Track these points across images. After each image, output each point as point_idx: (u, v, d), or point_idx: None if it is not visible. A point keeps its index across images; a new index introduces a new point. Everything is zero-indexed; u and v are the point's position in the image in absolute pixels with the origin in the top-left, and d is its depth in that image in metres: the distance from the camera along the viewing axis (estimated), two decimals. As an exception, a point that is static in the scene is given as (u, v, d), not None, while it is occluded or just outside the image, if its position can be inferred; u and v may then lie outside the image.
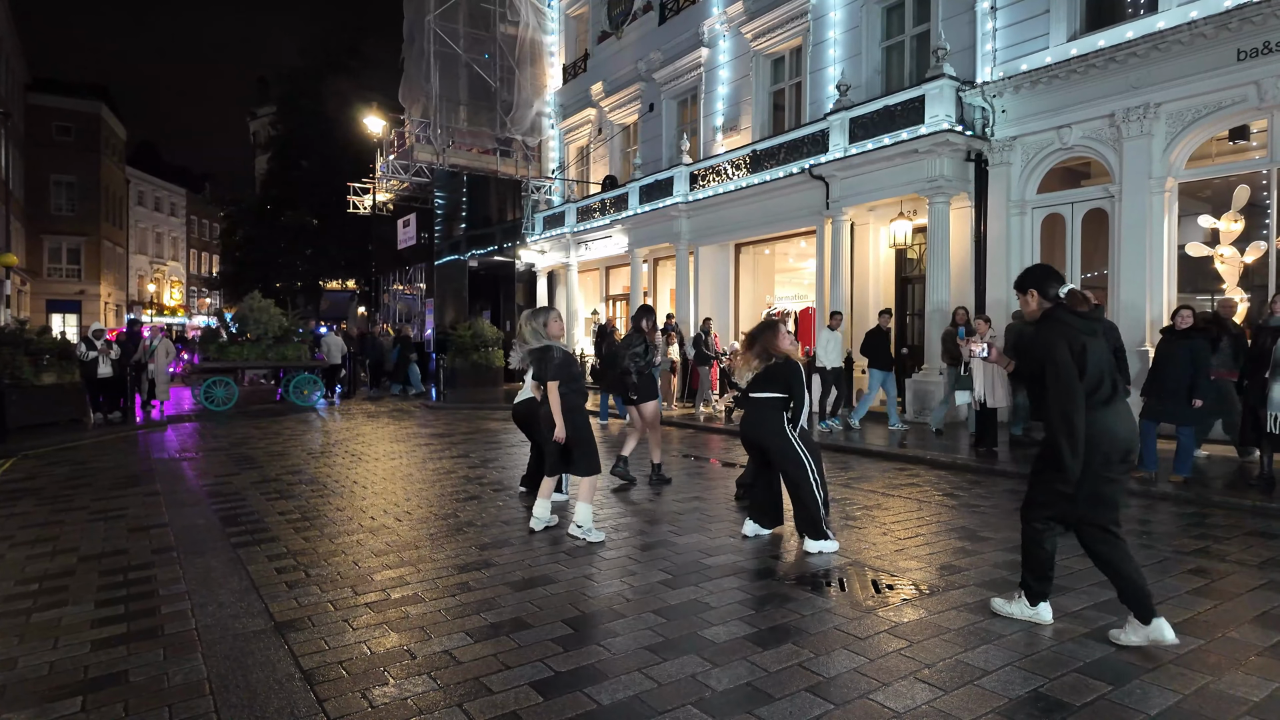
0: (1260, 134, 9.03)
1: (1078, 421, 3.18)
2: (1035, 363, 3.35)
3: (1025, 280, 3.56)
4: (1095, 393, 3.28)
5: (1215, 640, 3.41)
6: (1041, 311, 3.46)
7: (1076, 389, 3.21)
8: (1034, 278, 3.53)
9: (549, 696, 2.89)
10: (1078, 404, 3.20)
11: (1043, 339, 3.33)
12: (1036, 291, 3.48)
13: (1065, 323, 3.33)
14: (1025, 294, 3.53)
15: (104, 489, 7.14)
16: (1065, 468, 3.19)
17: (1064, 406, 3.20)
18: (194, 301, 52.39)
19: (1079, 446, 3.18)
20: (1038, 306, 3.48)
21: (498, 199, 25.97)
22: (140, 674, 3.16)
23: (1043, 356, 3.29)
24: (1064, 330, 3.30)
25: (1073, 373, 3.22)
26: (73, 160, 37.07)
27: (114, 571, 4.56)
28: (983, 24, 11.36)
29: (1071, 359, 3.24)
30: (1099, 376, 3.31)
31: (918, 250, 12.93)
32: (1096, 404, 3.27)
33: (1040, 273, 3.55)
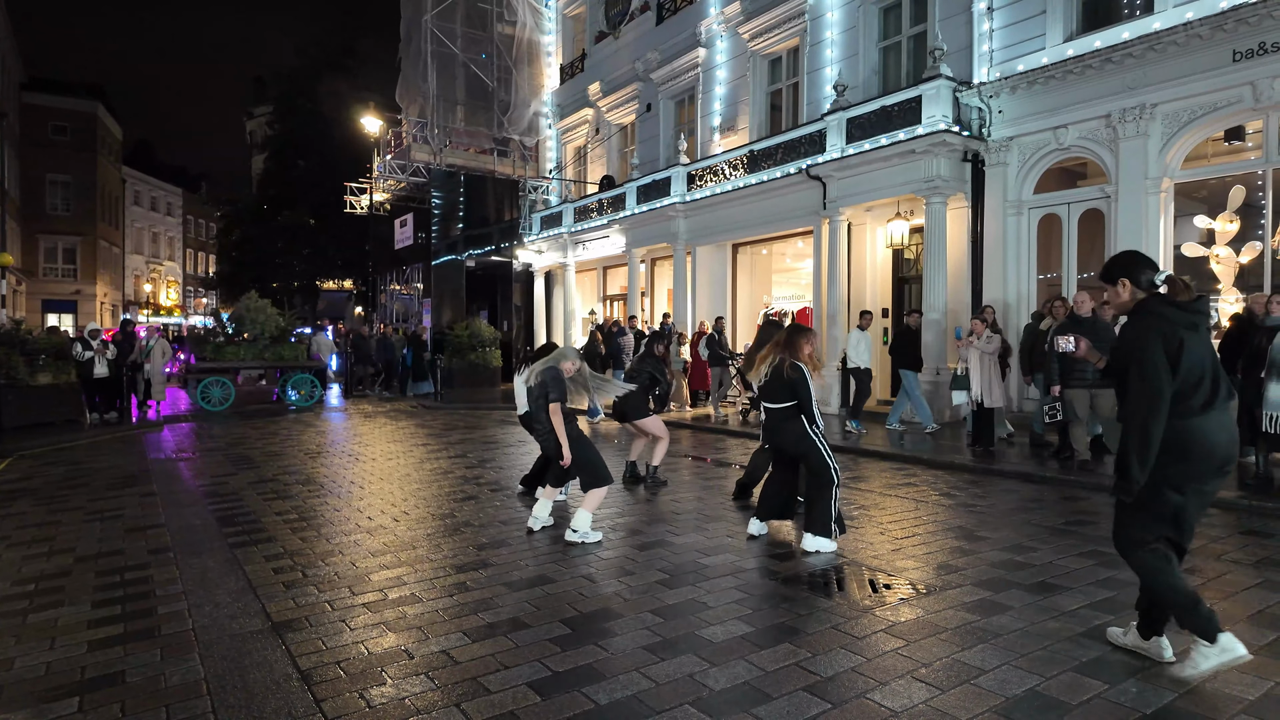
0: (1255, 135, 9.06)
1: (1155, 431, 2.85)
2: (1123, 360, 3.00)
3: (1114, 269, 3.14)
4: (1192, 396, 2.90)
5: (1211, 639, 3.42)
6: (1135, 303, 3.06)
7: (1162, 394, 2.85)
8: (1123, 265, 3.12)
9: (547, 696, 2.90)
10: (1160, 412, 2.85)
11: (1134, 334, 2.95)
12: (1128, 280, 3.07)
13: (1162, 316, 2.93)
14: (1115, 284, 3.11)
15: (100, 489, 7.12)
16: (1128, 477, 2.89)
17: (1143, 412, 2.86)
18: (190, 302, 52.27)
19: (1149, 459, 2.87)
20: (1130, 297, 3.07)
21: (495, 199, 25.95)
22: (137, 674, 3.16)
23: (1128, 350, 2.94)
24: (1160, 325, 2.91)
25: (1161, 376, 2.86)
26: (69, 160, 36.96)
27: (110, 572, 4.55)
28: (979, 25, 11.38)
29: (1165, 359, 2.87)
30: (1198, 377, 2.90)
31: (914, 250, 12.94)
32: (1192, 410, 2.89)
33: (1129, 259, 3.14)
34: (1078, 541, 5.04)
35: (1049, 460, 7.87)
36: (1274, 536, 5.18)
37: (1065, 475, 7.13)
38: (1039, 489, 6.88)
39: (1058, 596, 3.96)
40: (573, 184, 22.05)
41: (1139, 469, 2.88)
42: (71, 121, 37.30)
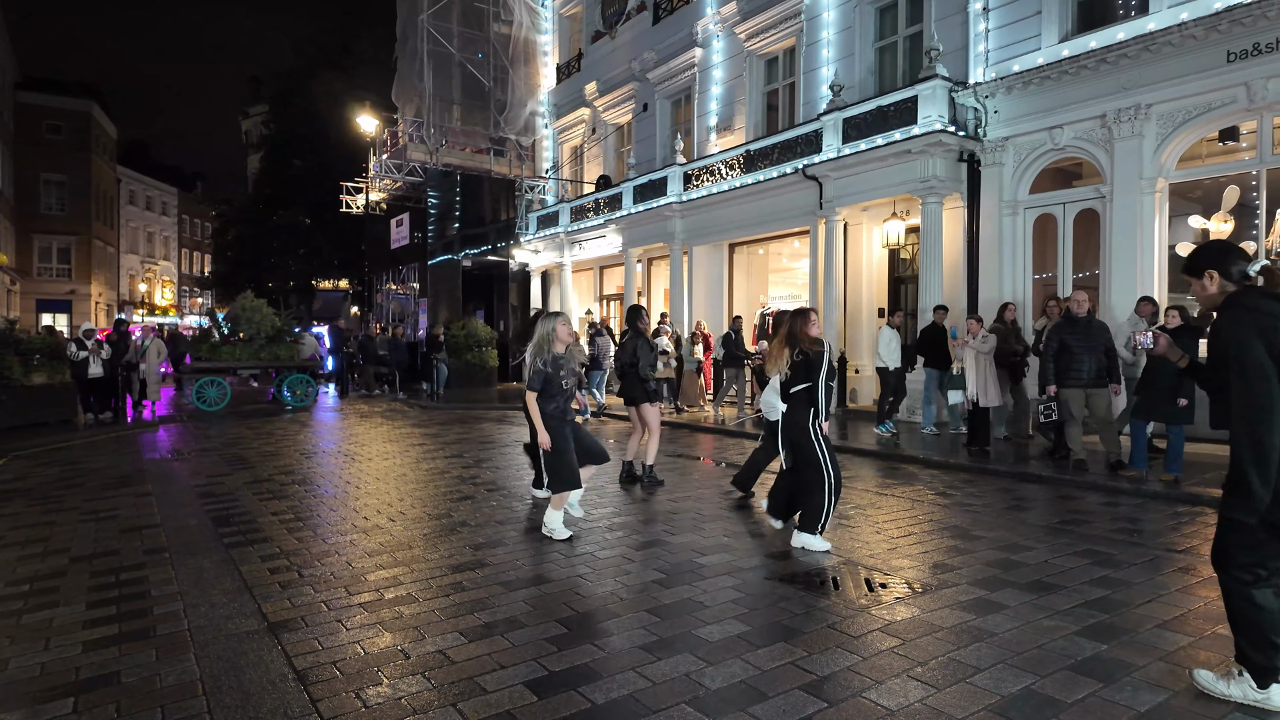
0: (1250, 135, 9.09)
1: (1271, 440, 2.53)
2: (1219, 361, 2.70)
3: (1200, 260, 2.85)
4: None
5: (1204, 638, 3.44)
6: (1225, 297, 2.76)
7: (1272, 395, 2.56)
8: (1211, 256, 2.83)
9: (543, 696, 2.90)
10: (1273, 416, 2.55)
11: (1230, 331, 2.65)
12: (1216, 272, 2.79)
13: (1259, 309, 2.64)
14: (1201, 277, 2.83)
15: (95, 490, 7.10)
16: (1250, 494, 2.56)
17: (1253, 420, 2.57)
18: (186, 301, 52.13)
19: (1271, 471, 2.54)
20: (1219, 291, 2.79)
21: (491, 198, 25.93)
22: (132, 675, 3.15)
23: (1226, 354, 2.64)
24: (1259, 321, 2.62)
25: (1269, 377, 2.57)
26: (63, 159, 36.84)
27: (105, 572, 4.54)
28: (975, 25, 11.40)
29: (1268, 358, 2.58)
30: None
31: (910, 250, 12.97)
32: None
33: (1219, 249, 2.87)
34: (1072, 540, 5.05)
35: (1045, 460, 7.89)
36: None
37: (1060, 475, 7.15)
38: (1034, 488, 6.90)
39: (1052, 596, 3.97)
40: (569, 184, 22.04)
41: (1261, 484, 2.55)
42: (66, 121, 37.18)
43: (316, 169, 34.25)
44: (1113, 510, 5.99)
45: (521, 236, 21.80)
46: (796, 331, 5.00)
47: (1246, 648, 2.75)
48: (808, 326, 5.01)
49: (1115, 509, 6.03)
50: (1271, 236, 8.88)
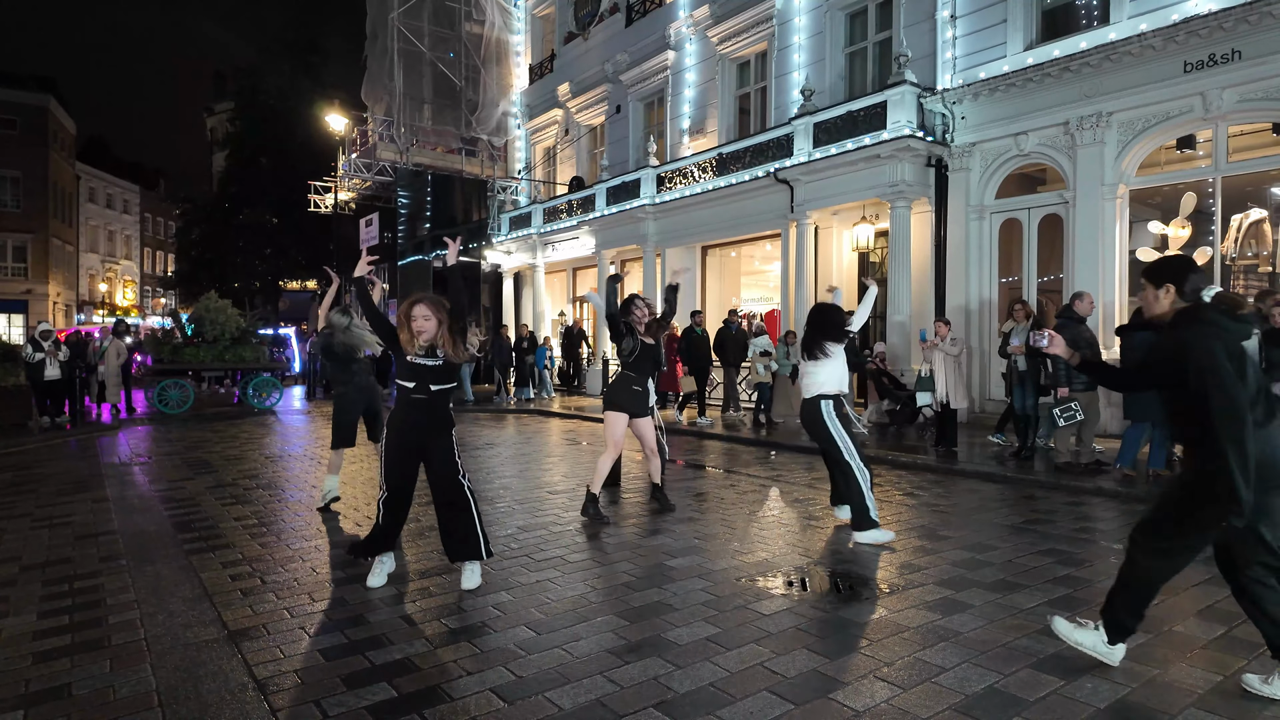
0: (1206, 144, 9.35)
1: (1250, 445, 2.66)
2: (1184, 373, 2.78)
3: (1163, 272, 2.96)
4: (1255, 409, 2.75)
5: (1162, 634, 3.51)
6: (1176, 311, 2.91)
7: (1245, 404, 2.69)
8: (1174, 270, 2.94)
9: (510, 701, 2.86)
10: (1249, 423, 2.67)
11: (1197, 343, 2.75)
12: (1174, 287, 2.91)
13: (1217, 324, 2.77)
14: (1160, 288, 2.94)
15: (49, 495, 6.89)
16: (1239, 499, 2.67)
17: (1236, 431, 2.67)
18: (148, 302, 50.92)
19: (1252, 474, 2.67)
20: (1170, 307, 2.92)
21: (463, 199, 25.72)
22: (84, 686, 3.05)
23: (1199, 364, 2.73)
24: (1218, 332, 2.76)
25: (1239, 386, 2.69)
26: (18, 154, 35.79)
27: (58, 581, 4.40)
28: (943, 32, 11.58)
29: (1231, 366, 2.71)
30: (1256, 390, 2.77)
31: (880, 254, 13.12)
32: (1258, 422, 2.75)
33: (1183, 264, 2.96)
34: (1036, 540, 5.14)
35: (1010, 461, 8.02)
36: (1223, 533, 5.33)
37: (1025, 475, 7.27)
38: (1000, 488, 7.00)
39: (1016, 595, 4.03)
40: (542, 185, 21.95)
41: (1245, 487, 2.67)
42: (21, 115, 36.14)
43: (283, 167, 33.68)
44: (1076, 510, 6.10)
45: (494, 238, 21.65)
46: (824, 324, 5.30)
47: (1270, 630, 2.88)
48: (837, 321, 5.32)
49: (1078, 509, 6.15)
50: (1226, 242, 9.14)
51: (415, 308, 4.03)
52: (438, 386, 4.08)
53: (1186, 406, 2.82)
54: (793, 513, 6.05)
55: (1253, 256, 9.07)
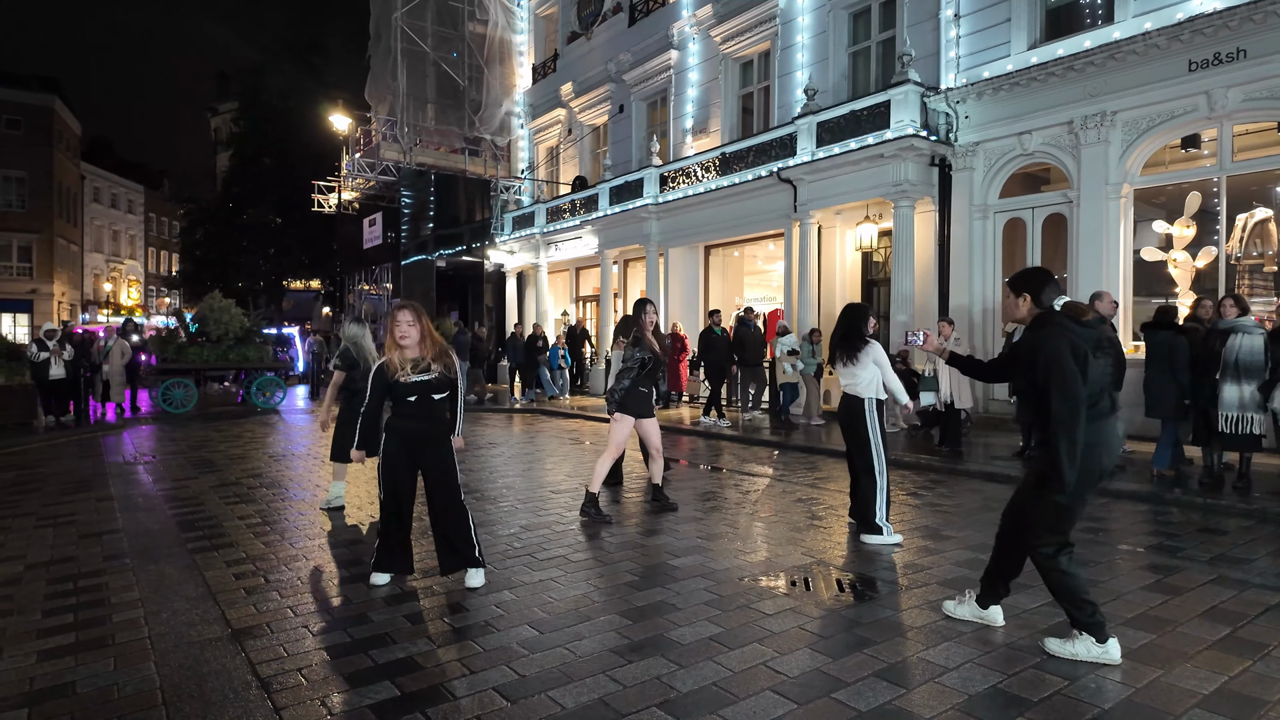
0: (1211, 143, 9.32)
1: (1079, 432, 3.04)
2: (1034, 367, 3.16)
3: (1024, 283, 3.34)
4: (1096, 404, 3.14)
5: (1166, 635, 3.50)
6: (1033, 316, 3.30)
7: (1081, 397, 3.05)
8: (1034, 282, 3.32)
9: (513, 700, 2.86)
10: (1081, 412, 3.05)
11: (1046, 343, 3.14)
12: (1031, 296, 3.30)
13: (1068, 328, 3.18)
14: (1019, 296, 3.33)
15: (54, 494, 6.91)
16: (1063, 479, 3.04)
17: (1068, 416, 3.04)
18: (153, 301, 51.04)
19: (1078, 457, 3.04)
20: (1028, 313, 3.32)
21: (466, 199, 25.74)
22: (88, 685, 3.06)
23: (1046, 361, 3.10)
24: (1066, 334, 3.15)
25: (1079, 379, 3.06)
26: (23, 155, 35.86)
27: (63, 579, 4.41)
28: (946, 31, 11.55)
29: (1076, 365, 3.09)
30: (1099, 388, 3.18)
31: (883, 253, 13.11)
32: (1096, 415, 3.14)
33: (1042, 277, 3.34)
34: (1040, 540, 5.12)
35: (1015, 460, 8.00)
36: (1227, 533, 5.32)
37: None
38: (1004, 489, 6.98)
39: (1019, 595, 4.01)
40: (545, 184, 21.96)
41: (1071, 469, 3.05)
42: (26, 115, 36.22)
43: (287, 167, 33.75)
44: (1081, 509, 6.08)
45: (497, 237, 21.67)
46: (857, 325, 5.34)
47: (1074, 612, 3.22)
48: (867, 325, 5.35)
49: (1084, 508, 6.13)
50: (1231, 241, 9.11)
51: (400, 313, 4.05)
52: (439, 396, 4.08)
53: (1036, 396, 3.18)
54: (796, 512, 6.04)
55: (1258, 256, 9.04)
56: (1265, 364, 6.15)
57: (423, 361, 4.00)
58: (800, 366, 11.26)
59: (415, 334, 4.01)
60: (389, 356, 4.01)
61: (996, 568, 3.51)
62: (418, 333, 4.01)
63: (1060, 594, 3.24)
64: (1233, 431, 6.20)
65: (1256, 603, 3.91)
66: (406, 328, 3.99)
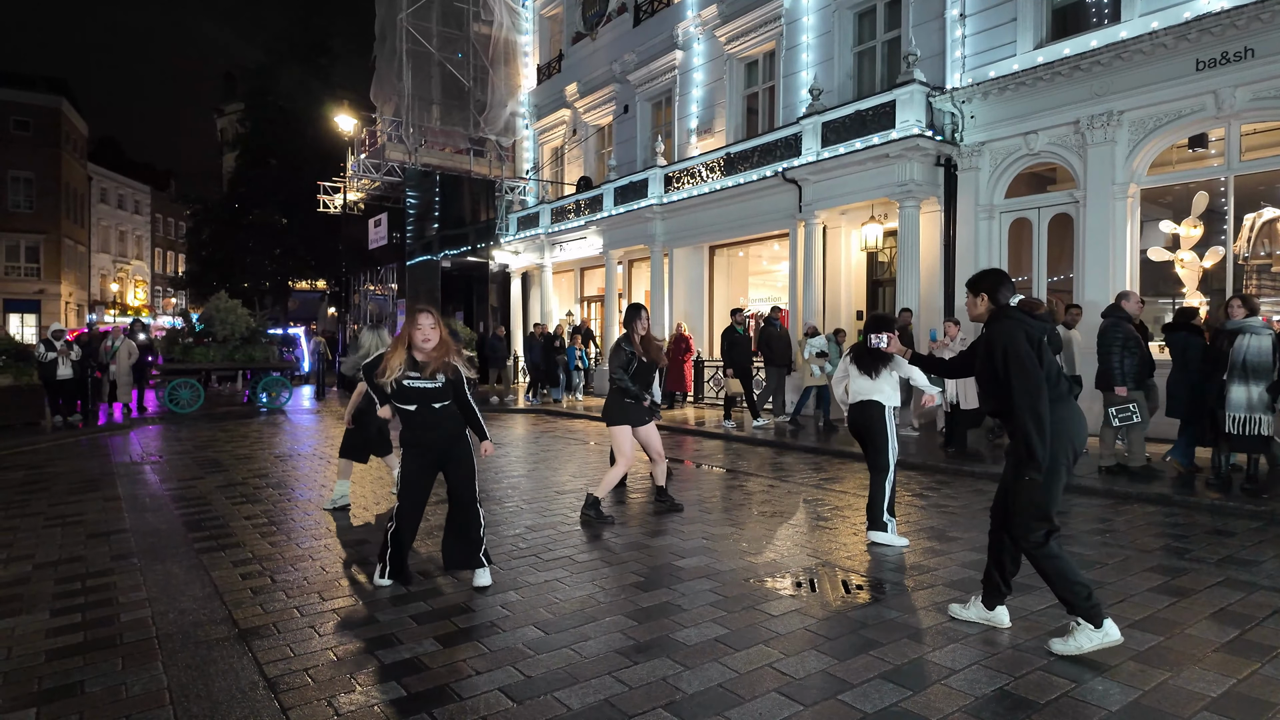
0: (1218, 142, 9.27)
1: (1044, 411, 3.23)
2: (993, 358, 3.38)
3: (981, 283, 3.60)
4: (1055, 387, 3.36)
5: (1174, 637, 3.49)
6: (990, 313, 3.54)
7: (1040, 377, 3.27)
8: (990, 282, 3.58)
9: (519, 701, 2.87)
10: (1042, 391, 3.25)
11: (1002, 333, 3.37)
12: (988, 296, 3.55)
13: (1020, 320, 3.41)
14: (977, 296, 3.58)
15: (62, 494, 6.95)
16: (1035, 457, 3.21)
17: (1031, 396, 3.24)
18: (159, 301, 51.24)
19: (1047, 434, 3.22)
20: (986, 311, 3.56)
21: (471, 199, 25.76)
22: (97, 684, 3.08)
23: (1004, 350, 3.32)
24: (1021, 325, 3.37)
25: (1035, 363, 3.29)
26: (31, 155, 36.07)
27: (71, 579, 4.43)
28: (952, 31, 11.53)
29: (1032, 350, 3.32)
30: (1055, 372, 3.41)
31: (888, 253, 13.08)
32: (1057, 398, 3.34)
33: (997, 278, 3.59)
34: (1046, 541, 5.10)
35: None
36: (1235, 534, 5.30)
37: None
38: (1009, 489, 6.96)
39: (1026, 596, 4.01)
40: (550, 185, 21.98)
41: (1041, 447, 3.21)
42: (34, 116, 36.43)
43: (293, 168, 33.83)
44: (1086, 512, 6.06)
45: (501, 237, 21.69)
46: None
47: (1071, 598, 3.28)
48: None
49: (1089, 510, 6.11)
50: (1239, 241, 9.07)
51: (422, 316, 3.97)
52: (438, 405, 4.02)
53: (998, 387, 3.38)
54: (802, 514, 6.04)
55: (1266, 256, 8.99)
56: (1273, 365, 6.12)
57: (427, 368, 3.93)
58: (829, 369, 10.84)
59: (436, 338, 3.94)
60: (387, 357, 3.94)
61: (994, 566, 3.57)
62: (439, 337, 3.94)
63: (1053, 580, 3.32)
64: (1240, 432, 6.17)
65: (1265, 605, 3.89)
66: (429, 331, 3.92)
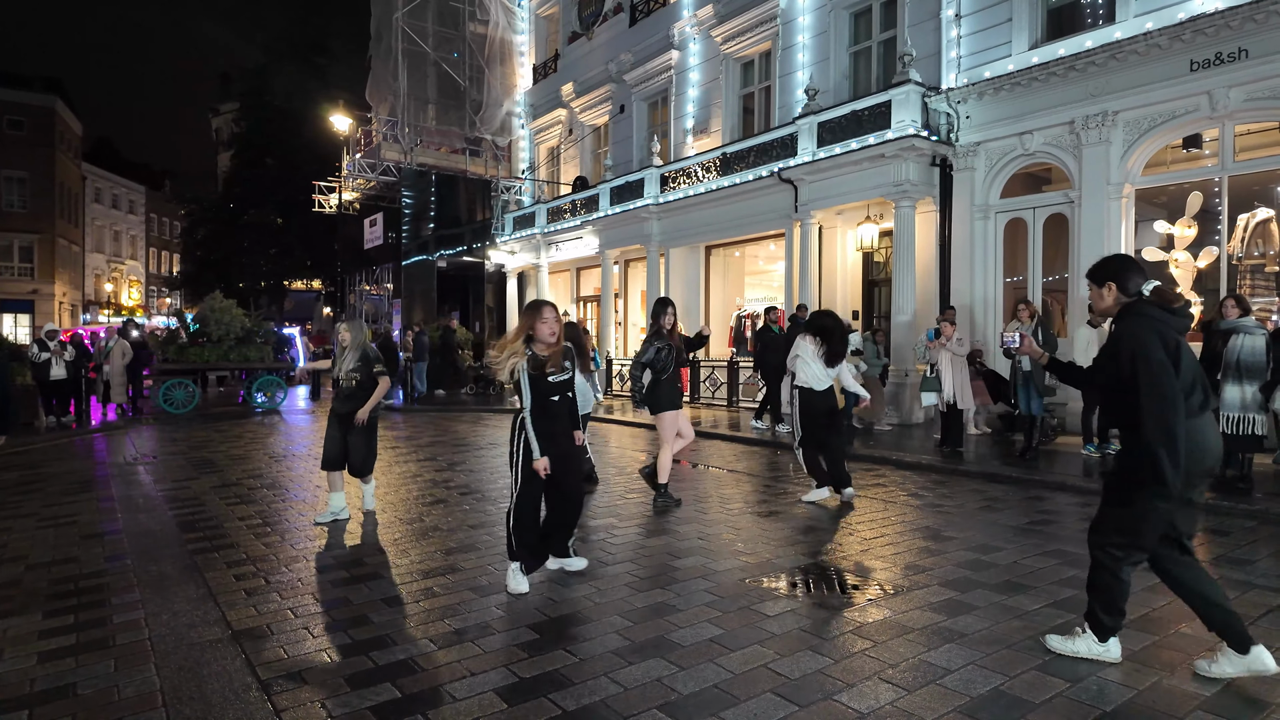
0: (1212, 143, 9.30)
1: (1178, 429, 2.76)
2: (1119, 362, 2.90)
3: (1104, 271, 3.10)
4: (1189, 398, 2.86)
5: (1169, 636, 3.49)
6: (1120, 307, 3.04)
7: (1176, 390, 2.79)
8: (1114, 268, 3.08)
9: (513, 703, 2.86)
10: (1178, 407, 2.78)
11: (1132, 334, 2.87)
12: (1115, 285, 3.03)
13: (1157, 318, 2.90)
14: (1102, 286, 3.07)
15: (55, 494, 6.92)
16: (1165, 482, 2.77)
17: (1162, 411, 2.77)
18: (154, 302, 51.08)
19: (1181, 457, 2.75)
20: (1114, 302, 3.05)
21: (467, 199, 25.75)
22: (89, 686, 3.06)
23: (1132, 354, 2.84)
24: (1156, 325, 2.87)
25: (1170, 373, 2.80)
26: (25, 155, 35.93)
27: (64, 580, 4.41)
28: (947, 31, 11.54)
29: (1167, 358, 2.82)
30: (1192, 380, 2.89)
31: (884, 254, 13.10)
32: (1192, 409, 2.87)
33: (1121, 263, 3.11)
34: (1041, 541, 5.12)
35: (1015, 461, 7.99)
36: (1229, 534, 5.31)
37: (1030, 475, 7.25)
38: (1004, 489, 6.98)
39: (1021, 596, 4.01)
40: (546, 184, 21.96)
41: (1173, 472, 2.77)
42: (29, 116, 36.31)
43: (288, 168, 33.79)
44: (1082, 510, 6.08)
45: (497, 237, 21.67)
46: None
47: (1099, 610, 3.12)
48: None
49: (1085, 509, 6.12)
50: (1233, 241, 9.10)
51: (547, 309, 4.08)
52: (571, 394, 4.22)
53: (1121, 396, 2.92)
54: (797, 514, 6.03)
55: (1259, 256, 9.02)
56: (1267, 364, 6.14)
57: (549, 360, 4.04)
58: (864, 368, 10.46)
59: (559, 331, 4.05)
60: (540, 354, 4.00)
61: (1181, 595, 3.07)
62: (561, 330, 4.07)
63: (1098, 593, 3.09)
64: (1234, 432, 6.19)
65: (1259, 604, 3.90)
66: (555, 325, 4.03)
